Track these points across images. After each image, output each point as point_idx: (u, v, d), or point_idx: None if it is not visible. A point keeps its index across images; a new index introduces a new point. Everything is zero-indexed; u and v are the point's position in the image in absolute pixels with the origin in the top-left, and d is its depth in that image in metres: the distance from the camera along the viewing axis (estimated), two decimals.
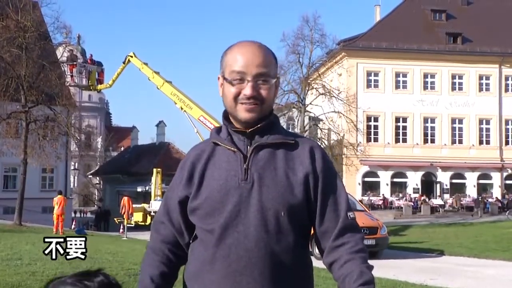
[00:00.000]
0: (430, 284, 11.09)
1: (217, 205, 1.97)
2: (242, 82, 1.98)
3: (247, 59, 1.98)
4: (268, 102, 2.03)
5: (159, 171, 32.54)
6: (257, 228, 1.93)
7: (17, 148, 29.43)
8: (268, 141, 2.03)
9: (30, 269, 10.41)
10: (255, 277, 1.93)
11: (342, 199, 2.05)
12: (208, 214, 1.99)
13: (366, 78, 48.45)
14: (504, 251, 19.43)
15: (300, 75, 35.49)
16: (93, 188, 74.01)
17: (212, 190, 1.99)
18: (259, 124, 2.02)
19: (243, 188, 1.97)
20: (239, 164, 2.00)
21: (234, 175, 1.99)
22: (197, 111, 27.27)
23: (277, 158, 2.01)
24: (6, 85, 28.06)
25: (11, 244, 15.54)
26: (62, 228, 24.37)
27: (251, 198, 1.95)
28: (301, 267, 2.04)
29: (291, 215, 1.97)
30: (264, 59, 2.01)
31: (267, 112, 2.04)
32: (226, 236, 1.95)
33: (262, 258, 1.93)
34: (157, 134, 68.69)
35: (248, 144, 2.03)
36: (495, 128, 49.38)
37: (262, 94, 2.00)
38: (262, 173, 1.98)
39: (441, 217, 42.13)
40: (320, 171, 2.02)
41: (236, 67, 1.99)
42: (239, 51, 2.02)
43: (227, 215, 1.95)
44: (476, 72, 49.28)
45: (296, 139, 2.07)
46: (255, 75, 1.98)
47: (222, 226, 1.96)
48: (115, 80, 32.41)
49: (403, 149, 48.03)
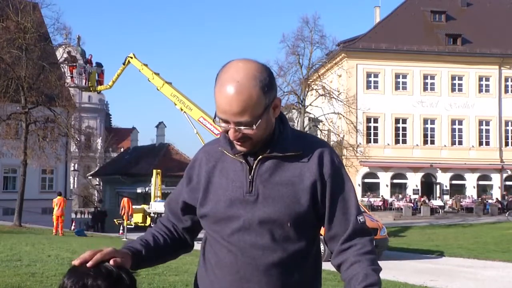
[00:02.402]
0: (430, 285, 11.10)
1: (223, 216, 1.97)
2: (227, 123, 1.89)
3: (224, 107, 1.85)
4: (258, 135, 1.92)
5: (159, 172, 32.50)
6: (263, 238, 1.93)
7: (17, 149, 29.45)
8: (273, 153, 1.97)
9: (29, 270, 10.39)
10: (262, 284, 1.93)
11: (352, 204, 2.01)
12: (215, 222, 2.00)
13: (366, 79, 48.47)
14: (503, 252, 19.43)
15: (300, 76, 35.55)
16: (93, 189, 74.03)
17: (218, 200, 1.98)
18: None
19: (248, 201, 1.95)
20: (245, 175, 1.97)
21: (239, 187, 1.97)
22: (197, 112, 27.26)
23: (284, 168, 1.98)
24: (6, 86, 28.11)
25: (11, 245, 15.54)
26: (62, 229, 24.39)
27: (256, 211, 1.94)
28: (309, 270, 2.03)
29: (298, 224, 1.95)
30: (244, 107, 1.84)
31: (263, 138, 1.96)
32: (233, 244, 1.94)
33: (269, 265, 1.93)
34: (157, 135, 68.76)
35: (253, 156, 1.98)
36: (495, 129, 49.39)
37: (247, 134, 1.90)
38: (267, 185, 1.95)
39: (441, 218, 42.13)
40: (328, 176, 1.98)
41: (218, 110, 1.89)
42: (220, 95, 1.86)
43: (234, 226, 1.95)
44: (475, 73, 49.30)
45: (304, 148, 2.01)
46: (235, 123, 1.88)
47: (228, 235, 1.96)
48: (115, 81, 32.39)
49: (403, 150, 48.03)
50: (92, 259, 1.71)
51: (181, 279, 9.42)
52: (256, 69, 1.88)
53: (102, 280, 1.67)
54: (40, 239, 19.21)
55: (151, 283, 9.07)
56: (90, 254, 1.73)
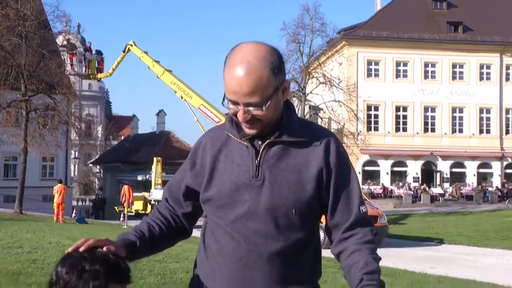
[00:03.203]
0: (430, 272, 11.14)
1: (228, 200, 1.96)
2: (236, 105, 1.89)
3: (234, 88, 1.85)
4: (268, 117, 1.91)
5: (160, 160, 32.53)
6: (267, 225, 1.92)
7: (17, 137, 29.45)
8: (281, 138, 1.97)
9: (30, 257, 10.44)
10: (265, 272, 1.93)
11: (355, 193, 2.02)
12: (219, 207, 1.98)
13: (366, 67, 48.37)
14: (503, 239, 19.50)
15: (300, 64, 35.48)
16: (94, 177, 74.13)
17: (224, 185, 1.97)
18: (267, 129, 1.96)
19: (254, 185, 1.94)
20: (251, 160, 1.96)
21: (245, 171, 1.95)
22: (197, 100, 27.24)
23: (290, 154, 1.97)
24: (6, 73, 28.06)
25: (12, 232, 15.59)
26: (63, 217, 24.46)
27: (262, 196, 1.93)
28: (310, 258, 2.03)
29: (302, 212, 1.94)
30: (255, 87, 1.84)
31: (272, 121, 1.95)
32: (236, 230, 1.94)
33: (272, 253, 1.92)
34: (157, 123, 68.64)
35: (261, 139, 1.98)
36: (495, 117, 49.36)
37: (257, 116, 1.89)
38: (274, 170, 1.94)
39: (441, 206, 42.21)
40: (333, 165, 1.99)
41: (228, 92, 1.89)
42: (230, 76, 1.87)
43: (238, 211, 1.94)
44: (477, 61, 49.19)
45: (311, 135, 2.01)
46: (245, 104, 1.87)
47: (232, 221, 1.95)
48: (115, 69, 32.35)
49: (403, 138, 48.04)
50: (84, 245, 1.70)
51: (181, 266, 9.47)
52: (266, 51, 1.88)
53: (100, 265, 1.65)
54: (41, 227, 19.27)
55: (151, 270, 9.11)
56: (83, 241, 1.72)
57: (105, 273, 1.65)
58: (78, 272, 1.64)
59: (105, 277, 1.65)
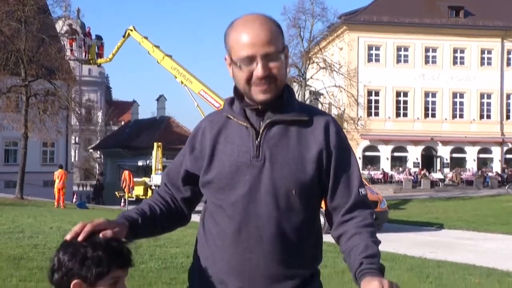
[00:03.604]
0: (429, 257, 11.18)
1: (228, 182, 1.95)
2: (251, 64, 1.90)
3: (252, 39, 1.88)
4: (281, 78, 1.96)
5: (160, 145, 32.55)
6: (268, 206, 1.92)
7: (17, 122, 29.46)
8: (281, 118, 1.98)
9: (32, 242, 10.49)
10: (265, 255, 1.93)
11: (355, 176, 2.02)
12: (219, 189, 1.98)
13: (367, 52, 48.20)
14: (503, 224, 19.55)
15: (301, 49, 35.38)
16: (94, 162, 74.18)
17: (224, 166, 1.97)
18: (272, 100, 1.97)
19: (255, 166, 1.94)
20: (251, 140, 1.96)
21: (245, 152, 1.95)
22: (197, 85, 27.20)
23: (290, 134, 1.98)
24: (5, 59, 28.00)
25: (13, 217, 15.64)
26: (64, 202, 24.54)
27: (262, 176, 1.93)
28: (310, 243, 2.03)
29: (302, 193, 1.94)
30: (270, 36, 1.90)
31: (281, 89, 1.99)
32: (237, 213, 1.93)
33: (272, 236, 1.92)
34: (158, 108, 68.72)
35: (261, 120, 1.98)
36: (496, 102, 49.27)
37: (274, 72, 1.92)
38: (274, 150, 1.95)
39: (441, 191, 42.31)
40: (333, 147, 1.99)
41: (243, 49, 1.90)
42: (243, 31, 1.91)
43: (238, 192, 1.93)
44: (478, 46, 48.99)
45: (310, 115, 2.02)
46: (263, 55, 1.89)
47: (233, 203, 1.94)
48: (115, 54, 32.26)
49: (404, 124, 48.00)
50: (82, 232, 1.69)
51: (182, 251, 9.51)
52: (269, 16, 1.99)
53: (102, 251, 1.66)
54: (42, 212, 19.33)
55: (152, 255, 9.16)
56: (80, 226, 1.71)
57: (107, 259, 1.67)
58: (81, 259, 1.65)
59: (108, 263, 1.66)
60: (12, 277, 7.17)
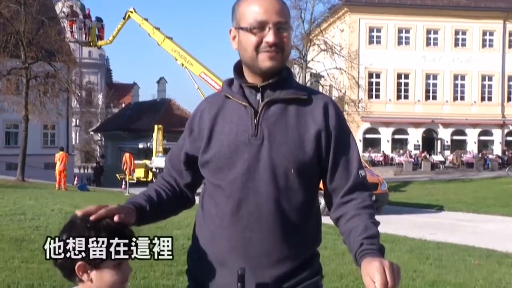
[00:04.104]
0: (429, 238, 11.23)
1: (227, 161, 1.96)
2: (262, 30, 1.93)
3: (266, 7, 1.93)
4: (288, 50, 1.99)
5: (161, 128, 32.57)
6: (267, 185, 1.92)
7: (18, 105, 29.43)
8: (280, 96, 1.98)
9: (33, 223, 10.55)
10: (264, 234, 1.93)
11: (354, 157, 2.03)
12: (218, 168, 1.98)
13: (368, 34, 47.97)
14: (503, 206, 19.62)
15: (301, 31, 35.08)
16: (95, 144, 74.19)
17: (222, 145, 1.97)
18: (271, 79, 1.98)
19: (253, 144, 1.94)
20: (250, 119, 1.97)
21: (244, 130, 1.96)
22: (198, 67, 27.13)
23: (289, 114, 1.98)
24: (5, 41, 27.87)
25: (14, 199, 15.68)
26: (65, 184, 24.59)
27: (261, 155, 1.93)
28: (310, 223, 2.04)
29: (301, 172, 1.95)
30: (283, 7, 1.97)
31: (285, 61, 2.01)
32: (236, 191, 1.94)
33: (272, 214, 1.93)
34: (158, 90, 68.52)
35: (260, 99, 1.99)
36: (497, 84, 49.14)
37: (284, 40, 1.95)
38: (273, 129, 1.95)
39: (441, 173, 42.35)
40: (333, 128, 1.99)
41: (256, 15, 1.93)
42: (257, 1, 1.95)
43: (237, 171, 1.94)
44: (479, 28, 48.73)
45: (309, 95, 2.03)
46: (276, 22, 1.93)
47: (232, 182, 1.95)
48: (116, 36, 32.13)
49: (405, 106, 47.93)
50: (96, 213, 1.72)
51: (183, 233, 9.54)
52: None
53: (105, 233, 1.68)
54: (43, 194, 19.39)
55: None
56: (95, 208, 1.74)
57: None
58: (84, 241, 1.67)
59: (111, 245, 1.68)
60: (14, 258, 7.22)
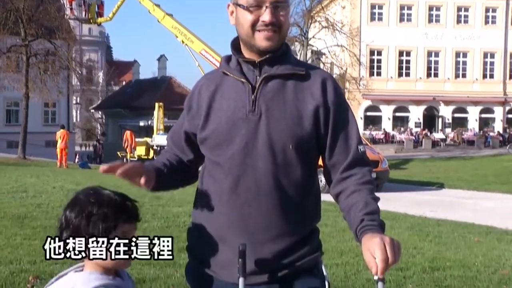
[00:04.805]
0: (429, 216, 11.26)
1: (225, 137, 1.96)
2: (259, 8, 1.92)
3: None
4: (285, 29, 1.98)
5: (161, 106, 32.52)
6: (265, 161, 1.93)
7: (18, 83, 29.37)
8: (277, 71, 1.98)
9: (35, 201, 10.58)
10: (263, 209, 1.94)
11: (353, 132, 2.02)
12: (216, 145, 1.99)
13: (370, 11, 47.62)
14: (503, 184, 19.64)
15: (303, 8, 34.84)
16: (96, 122, 74.14)
17: (220, 122, 1.97)
18: (269, 54, 1.97)
19: (251, 120, 1.94)
20: (247, 95, 1.96)
21: (242, 106, 1.96)
22: (198, 44, 27.00)
23: (287, 89, 1.98)
24: (5, 18, 27.68)
25: (16, 177, 15.73)
26: (66, 162, 24.65)
27: (259, 130, 1.93)
28: (309, 200, 2.04)
29: (299, 148, 1.95)
30: None
31: (283, 41, 2.00)
32: (235, 168, 1.94)
33: (270, 190, 1.93)
34: (159, 68, 68.20)
35: (258, 75, 1.98)
36: (499, 62, 48.92)
37: (281, 19, 1.94)
38: (270, 104, 1.95)
39: (442, 151, 42.37)
40: (331, 104, 1.99)
41: None
42: None
43: (235, 147, 1.94)
44: (482, 4, 48.36)
45: (307, 70, 2.03)
46: (273, 1, 1.92)
47: (230, 158, 1.95)
48: (115, 13, 31.93)
49: (406, 84, 47.78)
50: (122, 171, 1.80)
51: (184, 210, 9.58)
52: None
53: (107, 208, 1.70)
54: (44, 171, 19.43)
55: (155, 214, 9.25)
56: (119, 165, 1.81)
57: (113, 215, 1.71)
58: (87, 216, 1.69)
59: (114, 219, 1.71)
60: (16, 235, 7.26)
